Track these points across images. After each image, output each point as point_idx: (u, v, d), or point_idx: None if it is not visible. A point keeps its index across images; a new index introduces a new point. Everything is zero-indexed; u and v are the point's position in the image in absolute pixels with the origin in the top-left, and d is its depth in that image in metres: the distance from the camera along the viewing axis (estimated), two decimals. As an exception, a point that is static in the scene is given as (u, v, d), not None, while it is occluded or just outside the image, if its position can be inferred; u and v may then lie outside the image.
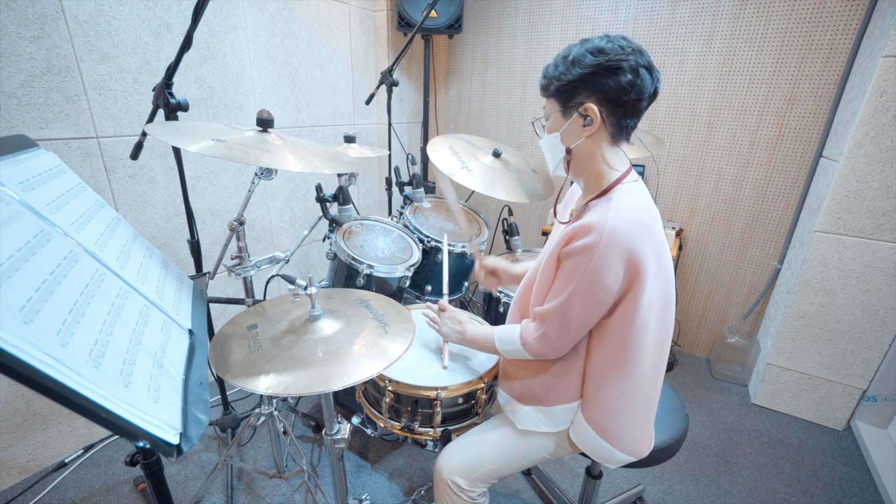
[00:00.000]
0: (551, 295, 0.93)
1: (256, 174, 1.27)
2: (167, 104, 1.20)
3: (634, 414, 0.97)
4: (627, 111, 0.88)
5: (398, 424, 1.15)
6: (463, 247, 1.80)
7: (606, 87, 0.85)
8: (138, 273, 0.80)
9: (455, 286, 1.94)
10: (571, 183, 1.10)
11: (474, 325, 1.17)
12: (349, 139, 1.85)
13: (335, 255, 1.62)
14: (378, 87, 2.06)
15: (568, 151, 0.95)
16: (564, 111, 0.92)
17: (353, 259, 1.55)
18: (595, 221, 0.83)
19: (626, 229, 0.83)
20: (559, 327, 0.92)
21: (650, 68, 0.85)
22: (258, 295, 1.44)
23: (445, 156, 1.76)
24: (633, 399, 0.95)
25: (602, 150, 0.92)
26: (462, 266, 1.90)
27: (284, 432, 1.62)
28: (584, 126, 0.90)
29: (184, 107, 1.22)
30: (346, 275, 1.61)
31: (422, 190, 1.90)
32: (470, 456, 1.05)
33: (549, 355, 0.98)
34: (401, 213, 1.96)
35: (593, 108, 0.87)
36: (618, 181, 0.92)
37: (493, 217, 2.48)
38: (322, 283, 1.80)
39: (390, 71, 2.00)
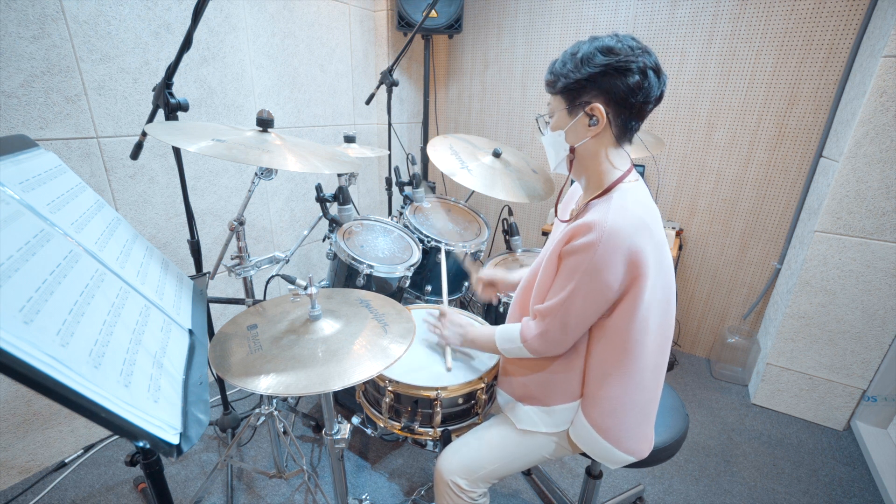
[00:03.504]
0: (552, 293, 0.93)
1: (256, 174, 1.27)
2: (167, 104, 1.19)
3: (636, 414, 0.97)
4: (633, 113, 0.88)
5: (398, 424, 1.15)
6: (463, 247, 1.80)
7: (614, 88, 0.85)
8: (138, 273, 0.80)
9: (455, 286, 1.94)
10: (572, 182, 1.10)
11: (475, 325, 1.17)
12: (349, 139, 1.85)
13: (335, 255, 1.62)
14: (378, 87, 2.06)
15: (571, 150, 0.95)
16: (570, 109, 0.91)
17: (353, 259, 1.55)
18: (596, 220, 0.83)
19: (627, 228, 0.82)
20: (559, 324, 0.92)
21: (658, 71, 0.85)
22: (258, 295, 1.44)
23: (445, 156, 1.76)
24: (634, 398, 0.95)
25: (606, 150, 0.93)
26: (462, 266, 1.90)
27: (284, 432, 1.62)
28: (589, 126, 0.89)
29: (184, 107, 1.22)
30: (346, 275, 1.61)
31: (422, 190, 1.90)
32: (470, 456, 1.05)
33: (550, 352, 0.98)
34: (401, 213, 1.96)
35: (600, 108, 0.87)
36: (618, 180, 0.92)
37: (493, 217, 2.48)
38: (322, 283, 1.80)
39: (390, 71, 2.00)
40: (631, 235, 0.82)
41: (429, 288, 1.86)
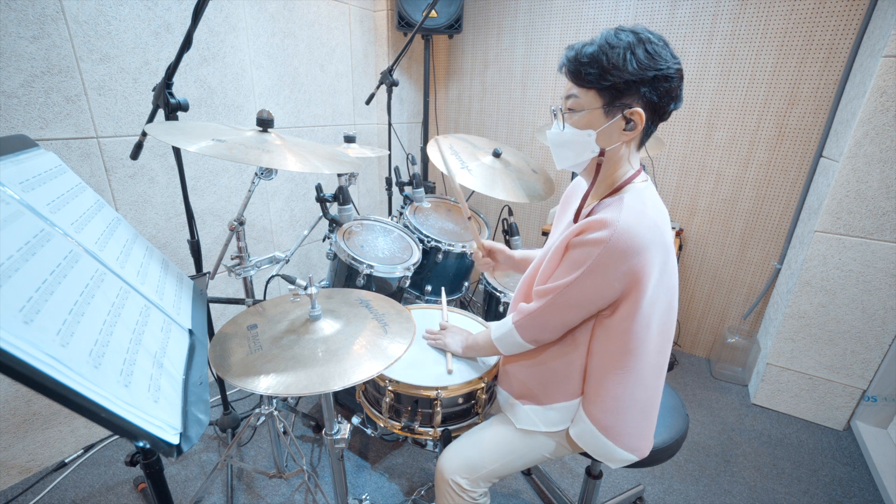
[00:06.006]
0: (554, 277, 0.93)
1: (256, 174, 1.27)
2: (167, 104, 1.19)
3: (637, 412, 0.97)
4: (662, 118, 0.88)
5: (398, 424, 1.15)
6: (463, 246, 1.80)
7: (657, 94, 0.83)
8: (138, 273, 0.80)
9: (455, 286, 1.94)
10: (573, 177, 1.09)
11: (474, 327, 1.17)
12: (349, 139, 1.85)
13: (335, 255, 1.62)
14: (378, 87, 2.06)
15: (601, 153, 0.90)
16: (608, 109, 0.85)
17: (353, 259, 1.55)
18: (610, 218, 0.83)
19: (640, 230, 0.82)
20: (553, 306, 0.92)
21: (683, 77, 0.86)
22: (258, 295, 1.44)
23: (445, 155, 1.76)
24: (636, 397, 0.95)
25: (629, 152, 0.92)
26: (462, 266, 1.90)
27: (284, 432, 1.62)
28: (624, 129, 0.86)
29: (184, 107, 1.22)
30: (346, 275, 1.61)
31: (422, 190, 1.90)
32: (471, 456, 1.05)
33: (537, 335, 0.98)
34: (401, 213, 1.96)
35: (641, 113, 0.84)
36: (629, 180, 0.92)
37: (493, 217, 2.48)
38: (322, 283, 1.80)
39: (390, 71, 2.00)
40: (641, 238, 0.82)
41: (429, 288, 1.86)
